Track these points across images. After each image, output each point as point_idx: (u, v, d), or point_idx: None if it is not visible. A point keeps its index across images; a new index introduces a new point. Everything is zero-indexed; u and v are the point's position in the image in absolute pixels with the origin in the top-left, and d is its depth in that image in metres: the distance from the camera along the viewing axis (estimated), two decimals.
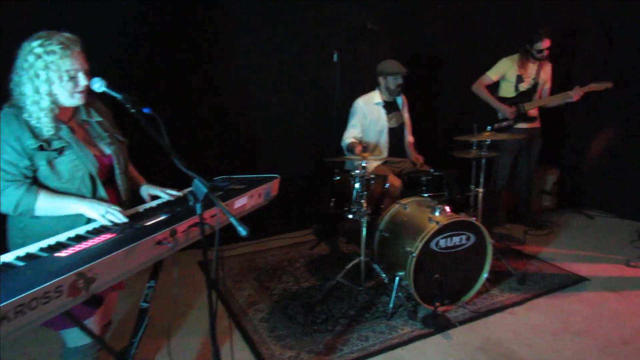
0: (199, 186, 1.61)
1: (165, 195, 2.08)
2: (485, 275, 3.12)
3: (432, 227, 2.87)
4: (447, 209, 3.05)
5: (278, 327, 2.89)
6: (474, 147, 3.62)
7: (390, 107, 3.90)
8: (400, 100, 3.96)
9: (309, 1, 4.13)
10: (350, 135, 3.83)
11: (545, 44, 4.03)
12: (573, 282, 3.44)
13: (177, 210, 1.85)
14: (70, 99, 1.76)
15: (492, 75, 4.26)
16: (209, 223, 1.72)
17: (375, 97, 3.86)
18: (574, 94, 4.06)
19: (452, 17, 4.83)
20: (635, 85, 4.31)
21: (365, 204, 3.17)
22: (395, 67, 3.75)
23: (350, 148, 3.70)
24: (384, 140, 3.88)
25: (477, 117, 4.30)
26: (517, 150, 4.37)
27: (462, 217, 2.98)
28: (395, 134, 3.92)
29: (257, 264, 3.82)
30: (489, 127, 3.53)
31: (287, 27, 4.06)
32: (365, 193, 3.20)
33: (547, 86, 4.31)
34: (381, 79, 3.82)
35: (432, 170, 3.69)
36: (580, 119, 5.04)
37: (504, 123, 4.27)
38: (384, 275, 3.22)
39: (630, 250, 4.02)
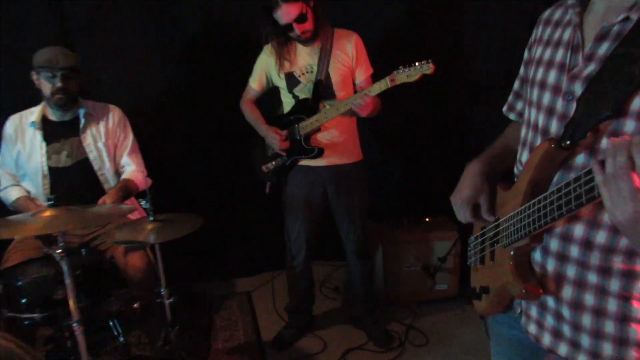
0: None
1: None
2: None
3: None
4: None
5: None
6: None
7: (58, 131, 2.29)
8: (83, 117, 2.29)
9: None
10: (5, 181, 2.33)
11: (288, 11, 2.04)
12: None
13: None
14: None
15: (252, 82, 2.39)
16: None
17: (33, 114, 2.29)
18: (361, 99, 2.06)
19: None
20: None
21: None
22: (47, 56, 2.12)
23: (18, 206, 2.27)
24: (39, 187, 2.28)
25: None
26: (313, 204, 2.40)
27: None
28: (70, 176, 2.29)
29: None
30: (143, 201, 1.75)
31: None
32: None
33: (362, 77, 2.27)
34: (35, 79, 2.22)
35: (83, 250, 2.10)
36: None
37: (271, 163, 2.37)
38: None
39: None
